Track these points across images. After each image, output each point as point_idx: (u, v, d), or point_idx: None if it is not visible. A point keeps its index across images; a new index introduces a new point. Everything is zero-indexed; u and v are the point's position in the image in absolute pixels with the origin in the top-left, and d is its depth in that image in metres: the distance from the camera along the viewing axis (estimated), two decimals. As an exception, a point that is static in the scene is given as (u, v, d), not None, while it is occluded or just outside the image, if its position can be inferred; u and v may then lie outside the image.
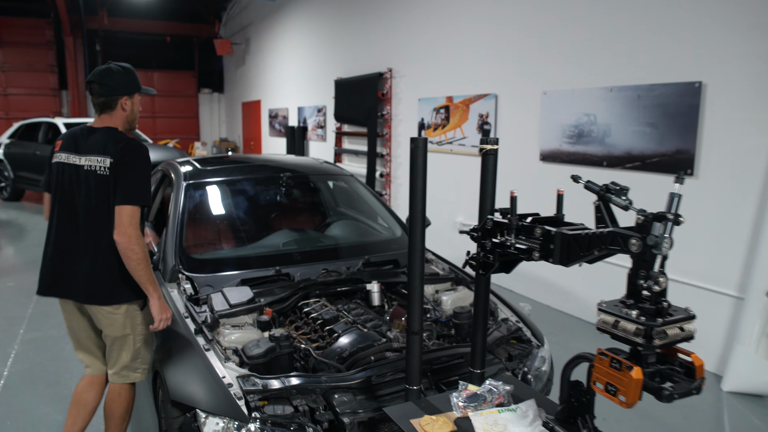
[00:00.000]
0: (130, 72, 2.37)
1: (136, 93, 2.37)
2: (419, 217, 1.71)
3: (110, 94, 2.30)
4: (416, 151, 1.68)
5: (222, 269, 2.93)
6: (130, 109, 2.37)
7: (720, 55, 3.75)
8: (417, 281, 1.74)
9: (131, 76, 2.36)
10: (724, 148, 3.79)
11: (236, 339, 2.37)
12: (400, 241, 3.51)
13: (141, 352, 2.49)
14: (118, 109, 2.34)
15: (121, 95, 2.32)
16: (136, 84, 2.37)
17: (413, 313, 1.78)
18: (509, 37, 5.50)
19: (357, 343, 2.35)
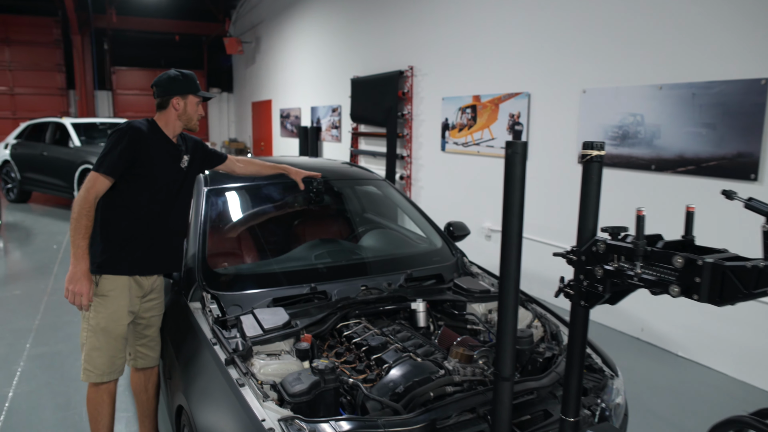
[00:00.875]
0: (187, 76, 2.53)
1: (189, 95, 2.51)
2: (515, 239, 1.40)
3: (162, 95, 2.49)
4: (514, 158, 1.37)
5: (250, 286, 2.62)
6: (183, 108, 2.50)
7: (791, 49, 3.43)
8: (510, 317, 1.42)
9: (187, 80, 2.51)
10: (795, 151, 3.46)
11: (273, 371, 2.06)
12: (442, 253, 3.20)
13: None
14: (170, 108, 2.50)
15: (172, 95, 2.48)
16: (189, 87, 2.51)
17: (504, 354, 1.46)
18: (543, 32, 5.18)
19: (412, 376, 2.03)
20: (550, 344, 2.47)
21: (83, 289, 2.29)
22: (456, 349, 2.28)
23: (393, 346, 2.27)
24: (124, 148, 2.33)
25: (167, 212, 2.51)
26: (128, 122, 2.41)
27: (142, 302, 2.54)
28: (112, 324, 2.41)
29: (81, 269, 2.28)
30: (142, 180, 2.42)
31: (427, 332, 2.62)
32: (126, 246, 2.42)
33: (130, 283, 2.45)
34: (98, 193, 2.32)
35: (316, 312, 2.50)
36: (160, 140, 2.50)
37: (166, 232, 2.53)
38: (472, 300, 2.74)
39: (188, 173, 2.62)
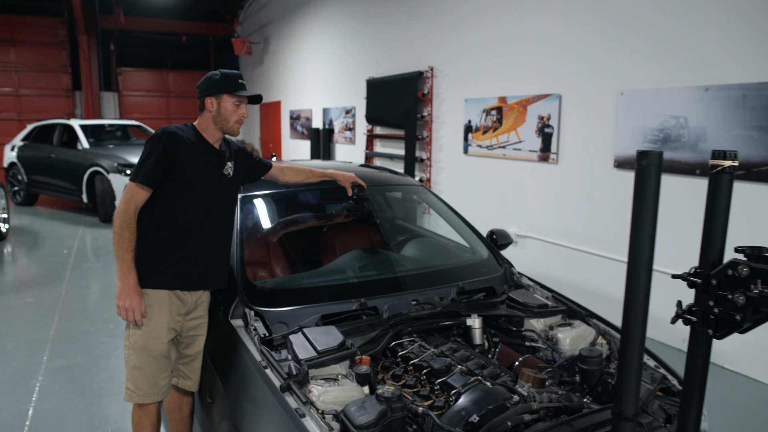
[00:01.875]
0: (226, 75, 2.32)
1: (224, 94, 2.29)
2: (644, 263, 1.22)
3: (199, 96, 2.36)
4: (648, 170, 1.18)
5: (295, 302, 2.43)
6: (216, 109, 2.31)
7: None
8: (635, 349, 1.24)
9: (222, 78, 2.31)
10: None
11: (334, 399, 1.87)
12: (489, 264, 3.01)
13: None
14: (205, 110, 2.34)
15: (206, 96, 2.32)
16: (223, 85, 2.30)
17: (628, 391, 1.28)
18: (576, 30, 5.00)
19: (486, 403, 1.85)
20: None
21: (134, 304, 2.17)
22: (527, 371, 2.09)
23: (457, 369, 2.08)
24: (159, 155, 2.19)
25: (210, 223, 2.34)
26: (163, 128, 2.27)
27: (185, 320, 2.36)
28: (150, 342, 2.25)
29: (129, 283, 2.17)
30: (180, 188, 2.26)
31: (483, 350, 2.44)
32: (166, 258, 2.26)
33: (170, 299, 2.28)
34: (137, 204, 2.20)
35: (367, 330, 2.32)
36: (200, 145, 2.33)
37: (210, 244, 2.35)
38: (531, 315, 2.56)
39: (233, 181, 2.44)
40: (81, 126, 9.89)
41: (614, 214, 4.73)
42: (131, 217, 2.18)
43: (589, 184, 4.94)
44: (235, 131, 2.37)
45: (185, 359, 2.42)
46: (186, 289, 2.32)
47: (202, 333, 2.42)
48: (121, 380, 3.63)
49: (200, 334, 2.42)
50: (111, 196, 8.67)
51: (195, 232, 2.29)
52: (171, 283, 2.27)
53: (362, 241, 3.46)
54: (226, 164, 2.40)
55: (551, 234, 5.38)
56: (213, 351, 2.38)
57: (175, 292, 2.29)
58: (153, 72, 16.57)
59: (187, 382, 2.45)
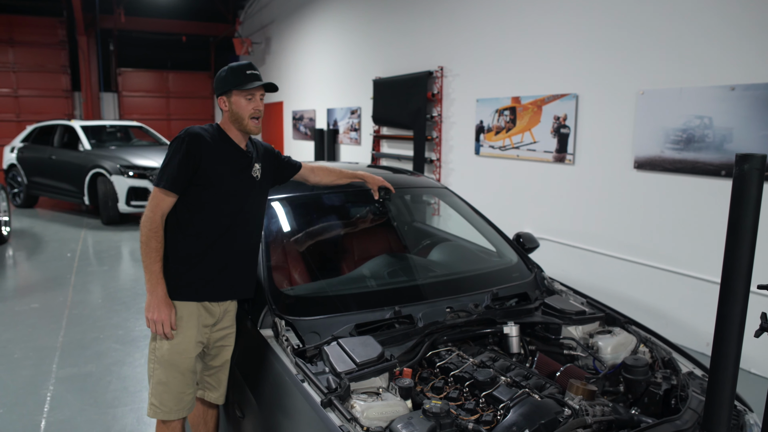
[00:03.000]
0: (233, 70, 2.19)
1: (233, 91, 2.16)
2: (742, 276, 1.12)
3: (216, 96, 2.25)
4: (750, 176, 1.08)
5: (327, 310, 2.33)
6: (229, 107, 2.19)
7: None
8: (729, 366, 1.15)
9: (230, 75, 2.18)
10: None
11: (378, 414, 1.76)
12: (520, 269, 2.92)
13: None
14: (224, 110, 2.23)
15: (218, 96, 2.23)
16: (230, 82, 2.17)
17: (721, 410, 1.18)
18: (594, 29, 4.91)
19: (537, 417, 1.75)
20: (665, 373, 2.20)
21: (163, 316, 2.07)
22: (575, 383, 2.00)
23: (502, 380, 1.99)
24: (182, 158, 2.08)
25: (238, 229, 2.22)
26: (186, 129, 2.15)
27: (212, 331, 2.24)
28: (177, 357, 2.14)
29: (159, 295, 2.08)
30: (205, 192, 2.15)
31: (520, 359, 2.35)
32: (193, 268, 2.15)
33: (198, 311, 2.17)
34: (164, 211, 2.10)
35: (403, 339, 2.22)
36: (225, 146, 2.20)
37: (239, 251, 2.23)
38: (569, 322, 2.47)
39: (261, 184, 2.31)
40: (82, 127, 9.76)
41: (634, 216, 4.65)
42: (158, 225, 2.08)
43: (607, 185, 4.86)
44: (253, 129, 2.21)
45: (212, 370, 2.31)
46: (214, 300, 2.20)
47: (229, 343, 2.31)
48: (135, 389, 3.53)
49: (228, 344, 2.30)
50: (113, 198, 8.55)
51: (222, 239, 2.17)
52: (199, 294, 2.16)
53: (382, 245, 3.36)
54: (253, 166, 2.27)
55: (568, 236, 5.29)
56: (242, 362, 2.27)
57: (203, 303, 2.18)
58: (153, 72, 16.44)
59: (213, 394, 2.33)
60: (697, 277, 4.20)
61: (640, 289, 4.64)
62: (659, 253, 4.48)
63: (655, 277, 4.51)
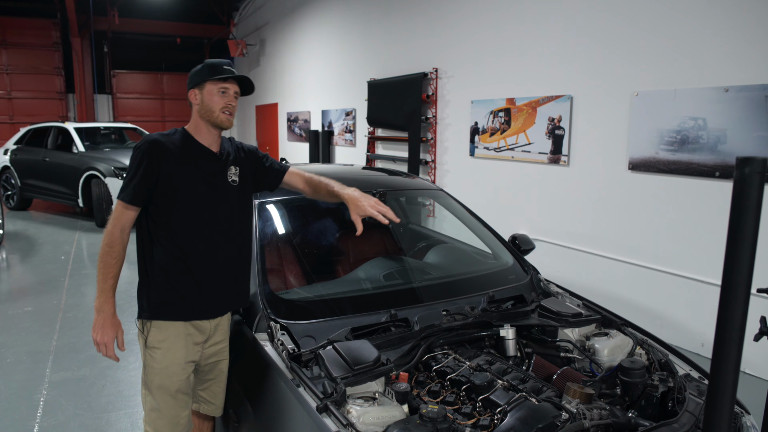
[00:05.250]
0: (208, 64, 2.09)
1: (206, 83, 2.04)
2: (743, 279, 1.11)
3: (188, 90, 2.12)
4: (750, 179, 1.07)
5: (322, 314, 2.32)
6: (200, 100, 2.06)
7: None
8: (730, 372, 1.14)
9: (203, 68, 2.08)
10: None
11: (374, 419, 1.75)
12: (516, 271, 2.91)
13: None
14: (192, 106, 2.10)
15: (190, 89, 2.10)
16: (204, 73, 2.06)
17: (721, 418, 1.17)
18: (588, 31, 4.92)
19: (535, 422, 1.74)
20: (661, 375, 2.19)
21: (107, 338, 1.95)
22: (572, 386, 1.99)
23: (499, 384, 1.98)
24: (141, 168, 1.96)
25: (219, 239, 2.08)
26: (145, 136, 2.03)
27: (205, 348, 2.14)
28: (167, 380, 2.03)
29: (104, 314, 1.97)
30: (172, 202, 2.01)
31: (517, 362, 2.34)
32: (174, 285, 2.03)
33: (186, 330, 2.06)
34: (124, 225, 1.99)
35: (399, 343, 2.21)
36: (191, 149, 2.06)
37: (223, 263, 2.10)
38: (565, 325, 2.46)
39: (242, 189, 2.17)
40: (76, 129, 9.71)
41: (628, 217, 4.65)
42: (116, 239, 1.97)
43: (602, 186, 4.86)
44: (224, 122, 2.06)
45: (205, 384, 2.23)
46: (201, 318, 2.09)
47: (224, 357, 2.22)
48: (130, 393, 3.51)
49: (222, 358, 2.21)
50: (108, 201, 8.50)
51: (199, 252, 2.04)
52: (181, 313, 2.05)
53: (378, 248, 3.35)
54: (228, 169, 2.12)
55: (562, 237, 5.30)
56: (236, 366, 2.26)
57: (191, 321, 2.07)
58: (147, 74, 16.39)
59: (209, 407, 2.25)
60: (692, 278, 4.20)
61: (635, 290, 4.65)
62: (654, 254, 4.49)
63: (650, 278, 4.51)
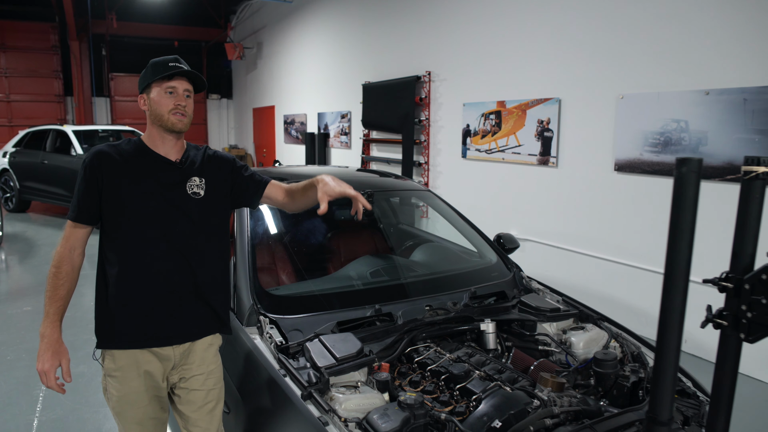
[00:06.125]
0: (153, 63, 1.91)
1: (152, 84, 1.88)
2: (683, 270, 1.22)
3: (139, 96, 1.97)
4: (687, 178, 1.19)
5: (310, 308, 2.43)
6: (149, 106, 1.89)
7: None
8: (672, 353, 1.25)
9: (147, 69, 1.92)
10: None
11: (356, 406, 1.86)
12: (499, 269, 3.02)
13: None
14: (145, 111, 1.94)
15: (140, 94, 1.95)
16: (150, 74, 1.89)
17: (663, 396, 1.28)
18: (576, 35, 5.03)
19: (507, 408, 1.85)
20: (633, 366, 2.30)
21: (46, 367, 1.78)
22: (545, 375, 2.10)
23: (476, 374, 2.08)
24: (82, 184, 1.84)
25: (178, 259, 1.88)
26: (92, 148, 1.90)
27: (171, 375, 1.97)
28: (126, 409, 1.90)
29: (46, 341, 1.80)
30: (121, 218, 1.84)
31: (497, 354, 2.45)
32: (127, 309, 1.85)
33: (143, 358, 1.89)
34: (74, 245, 1.87)
35: (383, 336, 2.32)
36: (144, 160, 1.88)
37: (183, 285, 1.90)
38: (544, 319, 2.57)
39: (208, 202, 1.94)
40: (74, 132, 9.80)
41: (615, 218, 4.76)
42: (63, 260, 1.84)
43: (589, 187, 4.97)
44: (176, 124, 1.86)
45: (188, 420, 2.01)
46: (159, 345, 1.90)
47: (198, 387, 1.99)
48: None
49: (196, 389, 1.98)
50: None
51: (156, 274, 1.85)
52: (133, 340, 1.86)
53: (367, 246, 3.45)
54: (189, 180, 1.92)
55: (551, 237, 5.40)
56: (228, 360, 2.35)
57: (151, 349, 1.90)
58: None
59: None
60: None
61: (621, 287, 4.76)
62: (639, 252, 4.60)
63: (635, 276, 4.62)
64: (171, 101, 1.85)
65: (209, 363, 2.02)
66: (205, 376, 2.00)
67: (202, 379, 1.99)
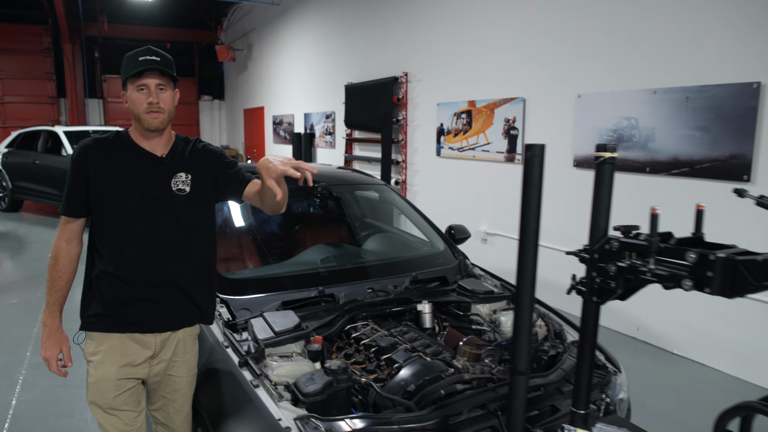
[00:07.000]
0: (126, 58, 1.90)
1: (127, 82, 1.86)
2: (532, 239, 1.45)
3: None
4: (532, 161, 1.42)
5: (259, 290, 2.64)
6: (129, 104, 1.88)
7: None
8: (526, 313, 1.47)
9: (123, 65, 1.90)
10: (786, 153, 3.54)
11: (286, 372, 2.09)
12: (445, 256, 3.24)
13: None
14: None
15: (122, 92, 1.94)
16: (122, 73, 1.89)
17: (520, 349, 1.50)
18: (539, 38, 5.26)
19: (423, 374, 2.07)
20: (554, 342, 2.52)
21: (48, 353, 1.92)
22: (464, 348, 2.32)
23: (402, 347, 2.30)
24: (70, 177, 1.89)
25: (162, 253, 1.92)
26: (80, 141, 1.93)
27: (152, 365, 2.00)
28: (98, 396, 1.93)
29: (48, 329, 1.93)
30: (104, 211, 1.89)
31: (433, 333, 2.66)
32: (109, 297, 1.91)
33: (122, 344, 1.93)
34: (70, 237, 1.94)
35: (325, 315, 2.53)
36: (128, 155, 1.90)
37: (167, 278, 1.93)
38: (477, 301, 2.79)
39: (194, 198, 1.96)
40: (65, 132, 10.01)
41: (574, 212, 4.98)
42: (61, 251, 1.92)
43: (551, 183, 5.15)
44: (151, 124, 1.85)
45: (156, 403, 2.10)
46: (141, 332, 1.94)
47: (176, 374, 2.05)
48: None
49: (174, 375, 2.05)
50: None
51: (139, 266, 1.89)
52: (118, 324, 1.91)
53: (331, 238, 3.67)
54: (174, 176, 1.93)
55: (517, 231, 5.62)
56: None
57: (132, 335, 1.94)
58: (138, 79, 16.65)
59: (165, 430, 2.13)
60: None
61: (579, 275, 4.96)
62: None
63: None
64: (144, 99, 1.84)
65: (187, 351, 2.08)
66: (182, 363, 2.06)
67: (179, 365, 2.06)
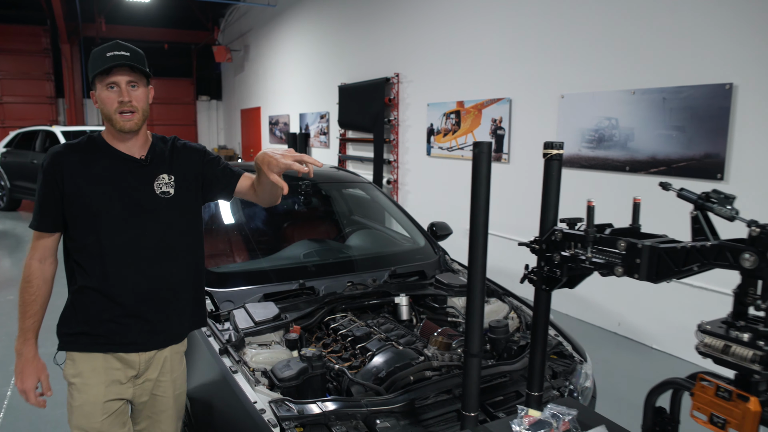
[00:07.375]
0: (93, 54, 1.73)
1: (96, 80, 1.70)
2: (481, 230, 1.56)
3: None
4: (480, 157, 1.53)
5: (242, 283, 2.76)
6: (99, 104, 1.72)
7: (752, 56, 3.63)
8: (477, 299, 1.58)
9: (90, 62, 1.73)
10: (757, 152, 3.66)
11: (264, 359, 2.20)
12: (425, 251, 3.36)
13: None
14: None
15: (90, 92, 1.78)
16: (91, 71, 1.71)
17: (473, 333, 1.62)
18: (524, 40, 5.37)
19: (394, 362, 2.19)
20: (524, 334, 2.63)
21: (25, 385, 1.77)
22: (435, 337, 2.44)
23: (376, 336, 2.42)
24: (41, 188, 1.72)
25: (148, 263, 1.76)
26: (50, 149, 1.76)
27: (136, 385, 1.86)
28: (83, 421, 1.80)
29: (23, 358, 1.77)
30: (83, 223, 1.72)
31: (410, 325, 2.77)
32: (90, 314, 1.76)
33: (106, 364, 1.78)
34: (43, 255, 1.76)
35: (305, 306, 2.64)
36: (104, 159, 1.74)
37: (152, 290, 1.78)
38: (452, 294, 2.90)
39: (179, 200, 1.81)
40: (63, 132, 10.12)
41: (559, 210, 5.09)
42: (33, 272, 1.74)
43: (537, 182, 5.27)
44: (124, 125, 1.70)
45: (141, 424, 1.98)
46: (124, 351, 1.79)
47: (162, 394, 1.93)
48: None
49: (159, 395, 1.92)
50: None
51: (123, 279, 1.74)
52: (99, 344, 1.76)
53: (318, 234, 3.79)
54: (157, 179, 1.78)
55: (504, 229, 5.73)
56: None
57: (116, 354, 1.79)
58: (136, 79, 16.77)
59: None
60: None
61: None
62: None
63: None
64: (115, 98, 1.68)
65: (174, 369, 1.94)
66: (169, 382, 1.93)
67: (165, 385, 1.93)
